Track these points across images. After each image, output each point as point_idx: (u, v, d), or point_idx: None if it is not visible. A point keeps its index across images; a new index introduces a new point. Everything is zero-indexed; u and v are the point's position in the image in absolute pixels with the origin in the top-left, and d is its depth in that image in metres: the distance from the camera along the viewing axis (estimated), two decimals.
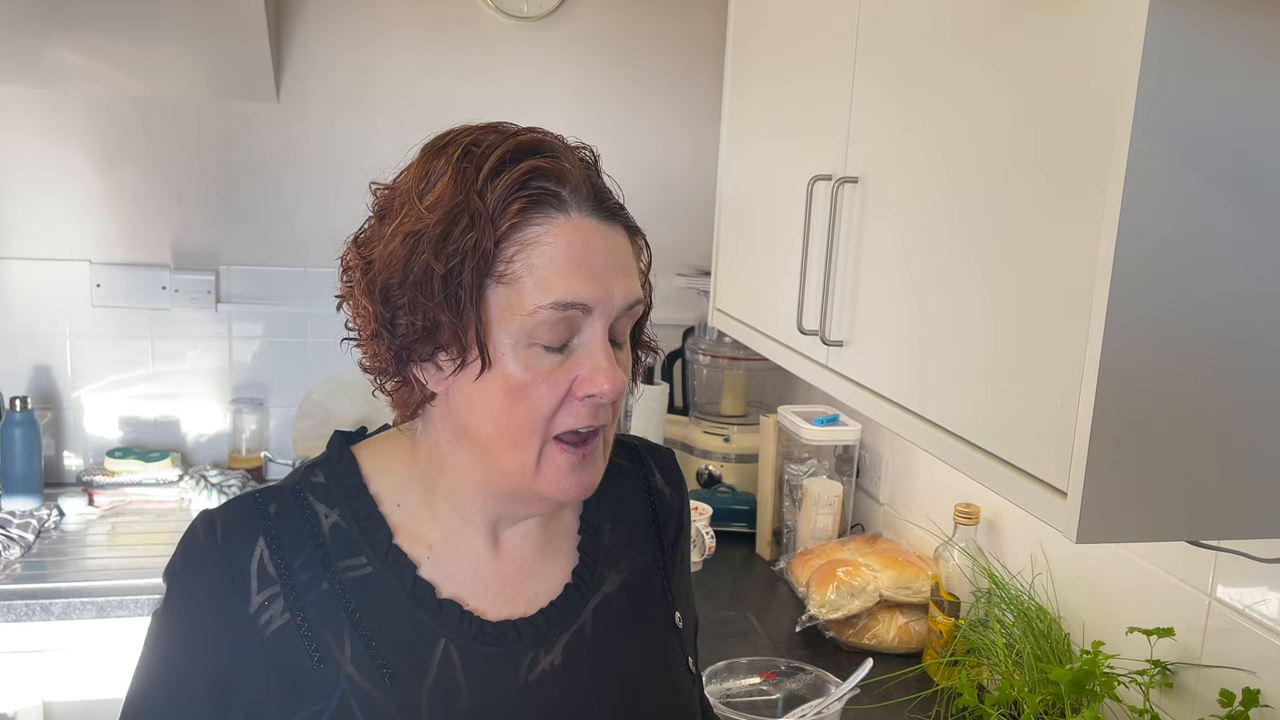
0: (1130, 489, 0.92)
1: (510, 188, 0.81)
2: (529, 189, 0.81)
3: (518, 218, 0.81)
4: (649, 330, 0.97)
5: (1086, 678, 1.34)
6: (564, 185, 0.83)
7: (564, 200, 0.83)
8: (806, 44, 1.56)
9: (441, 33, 2.51)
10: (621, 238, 0.87)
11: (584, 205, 0.83)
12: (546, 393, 0.83)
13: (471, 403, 0.85)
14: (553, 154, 0.84)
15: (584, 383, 0.83)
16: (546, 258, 0.81)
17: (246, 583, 0.85)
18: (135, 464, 2.39)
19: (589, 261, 0.82)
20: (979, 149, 1.08)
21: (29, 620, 1.92)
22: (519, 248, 0.81)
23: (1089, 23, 0.91)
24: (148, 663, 0.87)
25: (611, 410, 0.87)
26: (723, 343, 2.47)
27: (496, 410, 0.83)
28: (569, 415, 0.84)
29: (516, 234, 0.81)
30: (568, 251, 0.81)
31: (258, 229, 2.51)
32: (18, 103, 2.35)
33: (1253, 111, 0.86)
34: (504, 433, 0.84)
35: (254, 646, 0.84)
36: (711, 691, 1.50)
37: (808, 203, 1.48)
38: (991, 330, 1.06)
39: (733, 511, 2.32)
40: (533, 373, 0.82)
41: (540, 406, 0.83)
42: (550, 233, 0.82)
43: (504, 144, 0.83)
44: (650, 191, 2.63)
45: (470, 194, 0.81)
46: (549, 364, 0.83)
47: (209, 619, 0.85)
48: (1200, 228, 0.87)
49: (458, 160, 0.82)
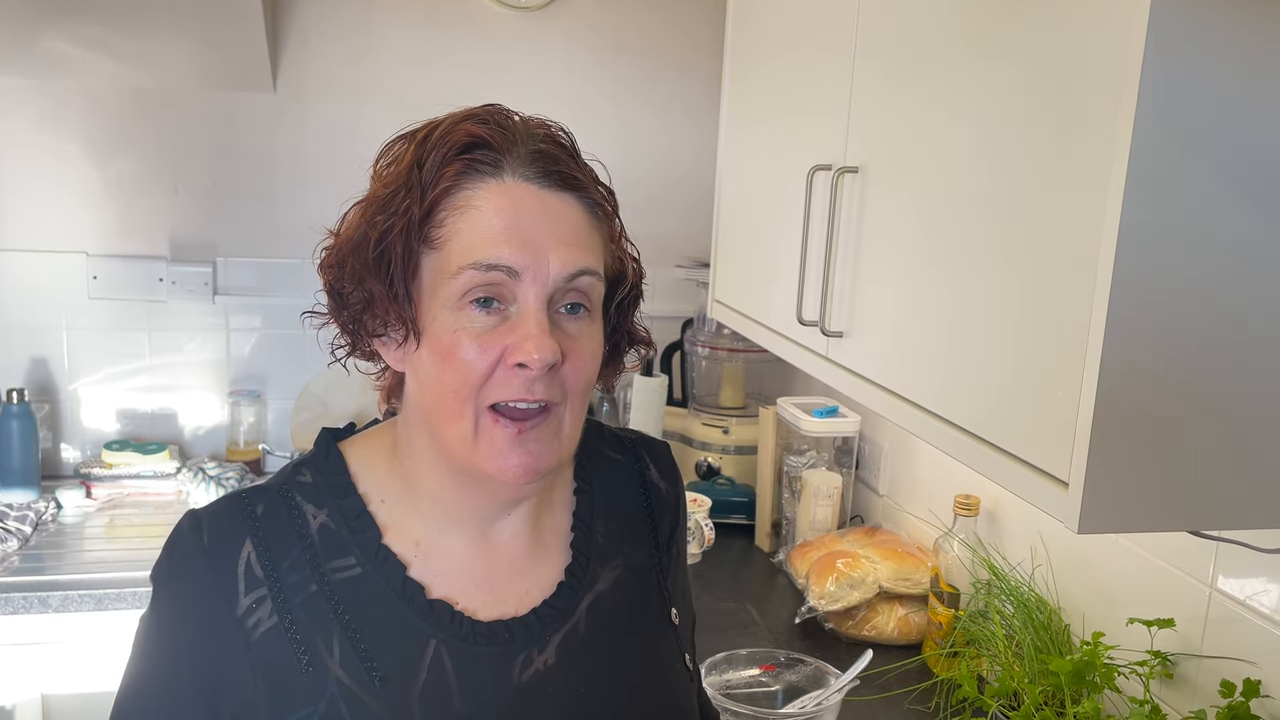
0: (1131, 479, 0.91)
1: (446, 153, 0.82)
2: (466, 155, 0.82)
3: (451, 181, 0.81)
4: (639, 320, 0.95)
5: (1087, 668, 1.34)
6: (504, 153, 0.82)
7: (501, 167, 0.82)
8: (806, 33, 1.55)
9: (439, 23, 2.50)
10: (572, 208, 0.85)
11: (523, 171, 0.83)
12: (475, 356, 0.81)
13: (418, 376, 0.86)
14: (497, 124, 0.84)
15: (513, 350, 0.80)
16: (473, 219, 0.81)
17: (234, 585, 0.84)
18: (133, 456, 2.38)
19: (518, 225, 0.81)
20: (980, 137, 1.08)
21: (27, 613, 1.91)
22: (449, 212, 0.82)
23: (1091, 11, 0.90)
24: (136, 665, 0.86)
25: (561, 388, 0.84)
26: (722, 334, 2.46)
27: (432, 379, 0.83)
28: (501, 384, 0.82)
29: (448, 199, 0.82)
30: (496, 215, 0.81)
31: (255, 220, 2.50)
32: (13, 93, 2.34)
33: (1255, 102, 0.86)
34: (440, 400, 0.83)
35: (241, 649, 0.83)
36: (711, 683, 1.50)
37: (807, 193, 1.47)
38: (993, 320, 1.06)
39: (732, 503, 2.32)
40: (461, 334, 0.81)
41: (470, 371, 0.81)
42: (480, 195, 0.82)
43: (452, 117, 0.84)
44: (649, 182, 2.63)
45: (414, 167, 0.82)
46: (479, 325, 0.81)
47: (196, 621, 0.84)
48: (1202, 218, 0.87)
49: (420, 140, 0.84)
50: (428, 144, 0.83)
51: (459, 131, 0.83)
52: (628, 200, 0.90)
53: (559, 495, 0.97)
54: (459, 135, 0.82)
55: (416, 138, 0.85)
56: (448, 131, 0.83)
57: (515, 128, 0.84)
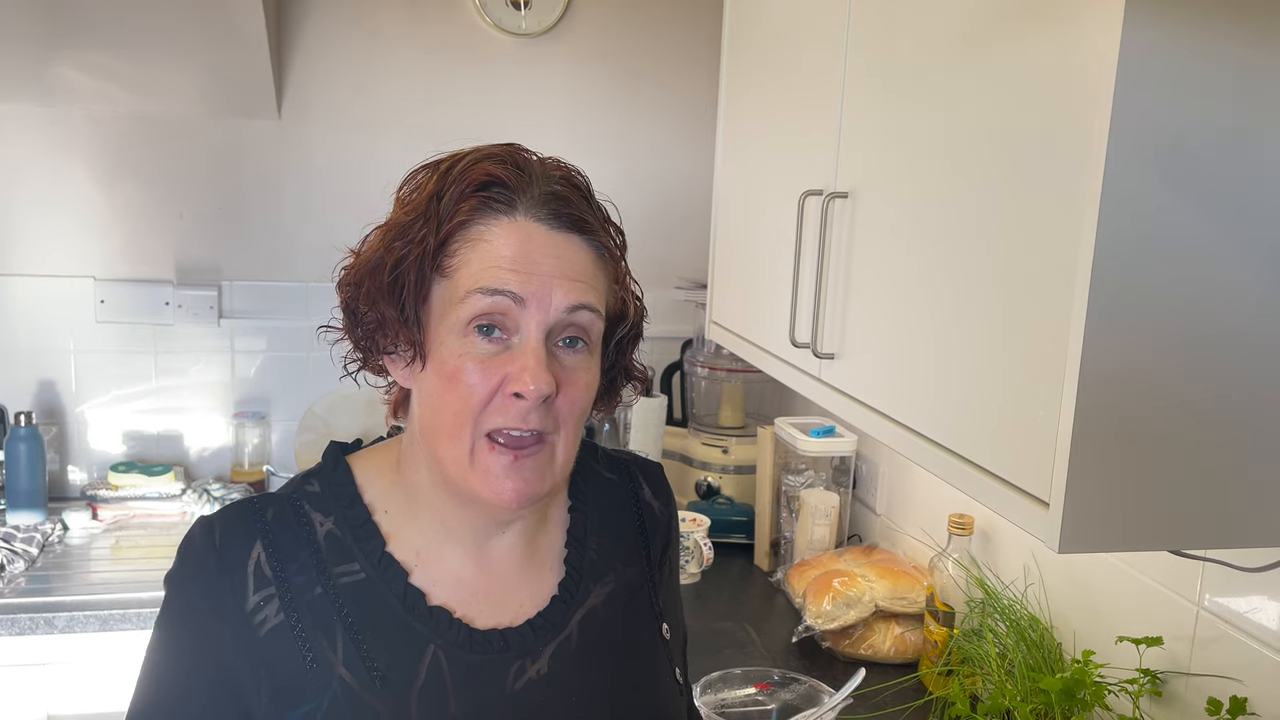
0: (1111, 499, 0.93)
1: (464, 189, 0.85)
2: (483, 192, 0.85)
3: (466, 216, 0.85)
4: (638, 359, 0.99)
5: (1077, 686, 1.35)
6: (519, 193, 0.86)
7: (515, 205, 0.86)
8: (798, 62, 1.58)
9: (441, 49, 2.54)
10: (579, 248, 0.88)
11: (535, 211, 0.86)
12: (478, 381, 0.84)
13: (422, 395, 0.89)
14: (515, 165, 0.87)
15: (511, 379, 0.84)
16: (484, 251, 0.85)
17: (243, 582, 0.87)
18: (138, 478, 2.41)
19: (525, 257, 0.84)
20: (964, 164, 1.10)
21: (33, 634, 1.93)
22: (461, 244, 0.85)
23: (1066, 46, 0.93)
24: (151, 666, 0.90)
25: (555, 419, 0.87)
26: (720, 355, 2.48)
27: (434, 398, 0.87)
28: (498, 412, 0.85)
29: (462, 231, 0.85)
30: (505, 248, 0.85)
31: (259, 245, 2.54)
32: (22, 120, 2.38)
33: (1223, 126, 0.88)
34: (440, 421, 0.87)
35: (248, 644, 0.86)
36: (706, 702, 1.51)
37: (799, 217, 1.49)
38: (975, 343, 1.08)
39: (731, 523, 2.34)
40: (465, 359, 0.84)
41: (470, 395, 0.84)
42: (493, 230, 0.85)
43: (474, 154, 0.88)
44: (649, 204, 2.66)
45: (433, 198, 0.86)
46: (483, 352, 0.85)
47: (207, 616, 0.87)
48: (1176, 241, 0.89)
49: (443, 172, 0.88)
50: (449, 177, 0.87)
51: (478, 170, 0.86)
52: (627, 222, 0.93)
53: (554, 513, 1.00)
54: (478, 174, 0.86)
55: (440, 169, 0.88)
56: (467, 169, 0.87)
57: (532, 168, 0.88)
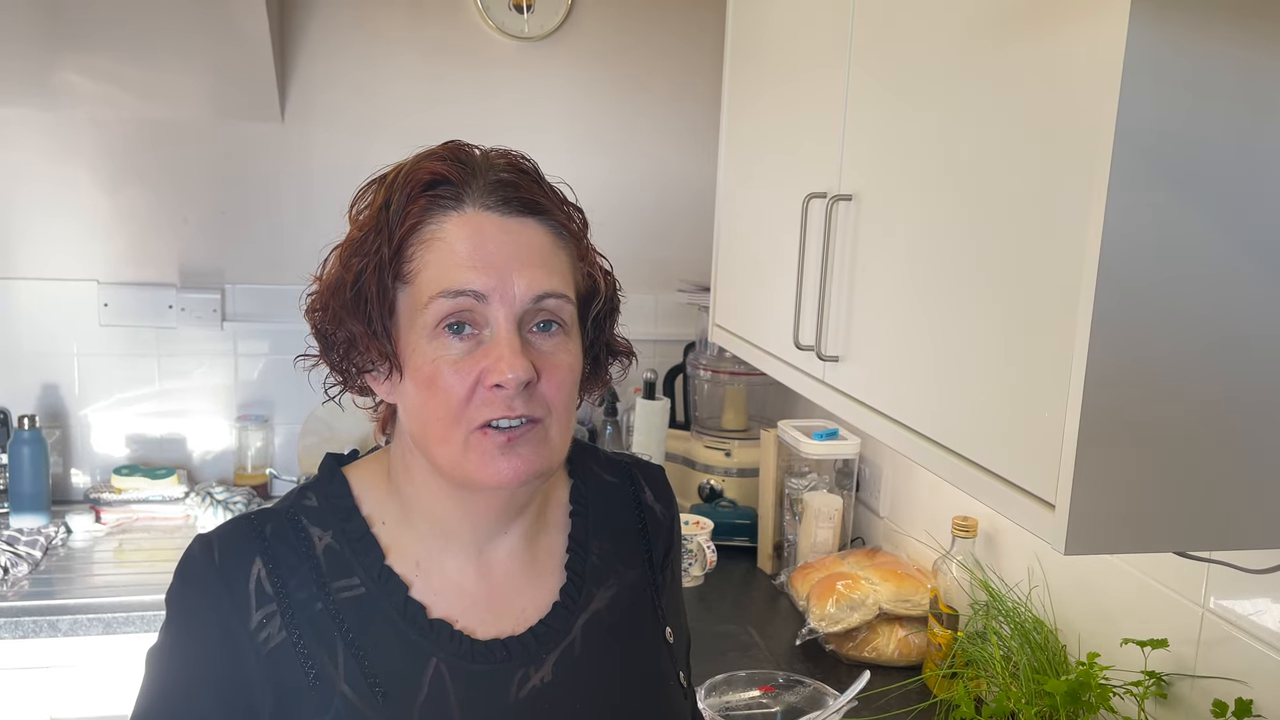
0: (1117, 501, 0.93)
1: (410, 192, 0.86)
2: (430, 192, 0.86)
3: (416, 218, 0.85)
4: (619, 333, 0.98)
5: (1081, 689, 1.35)
6: (464, 186, 0.86)
7: (462, 199, 0.86)
8: (801, 64, 1.58)
9: (444, 53, 2.54)
10: (535, 231, 0.87)
11: (483, 201, 0.86)
12: (455, 382, 0.84)
13: (405, 405, 0.89)
14: (457, 160, 0.87)
15: (489, 372, 0.83)
16: (440, 251, 0.85)
17: (246, 600, 0.86)
18: (142, 481, 2.41)
19: (481, 250, 0.84)
20: (968, 167, 1.10)
21: (36, 637, 1.93)
22: (416, 247, 0.85)
23: (1072, 46, 0.93)
24: (151, 685, 0.89)
25: (543, 404, 0.86)
26: (723, 358, 2.49)
27: (418, 407, 0.87)
28: (482, 405, 0.84)
29: (415, 235, 0.85)
30: (460, 243, 0.85)
31: (263, 248, 2.54)
32: (27, 124, 2.38)
33: (1228, 128, 0.88)
34: (428, 427, 0.86)
35: (253, 663, 0.85)
36: (710, 704, 1.51)
37: (803, 219, 1.50)
38: (980, 344, 1.08)
39: (734, 526, 2.34)
40: (440, 363, 0.84)
41: (450, 396, 0.84)
42: (445, 228, 0.85)
43: (416, 157, 0.89)
44: (651, 207, 2.65)
45: (383, 209, 0.87)
46: (454, 352, 0.84)
47: (210, 636, 0.86)
48: (1182, 242, 0.89)
49: (389, 182, 0.88)
50: (395, 185, 0.87)
51: (421, 170, 0.86)
52: (630, 225, 0.93)
53: (554, 517, 1.00)
54: (421, 174, 0.86)
55: (385, 180, 0.89)
56: (411, 172, 0.87)
57: (475, 161, 0.88)
